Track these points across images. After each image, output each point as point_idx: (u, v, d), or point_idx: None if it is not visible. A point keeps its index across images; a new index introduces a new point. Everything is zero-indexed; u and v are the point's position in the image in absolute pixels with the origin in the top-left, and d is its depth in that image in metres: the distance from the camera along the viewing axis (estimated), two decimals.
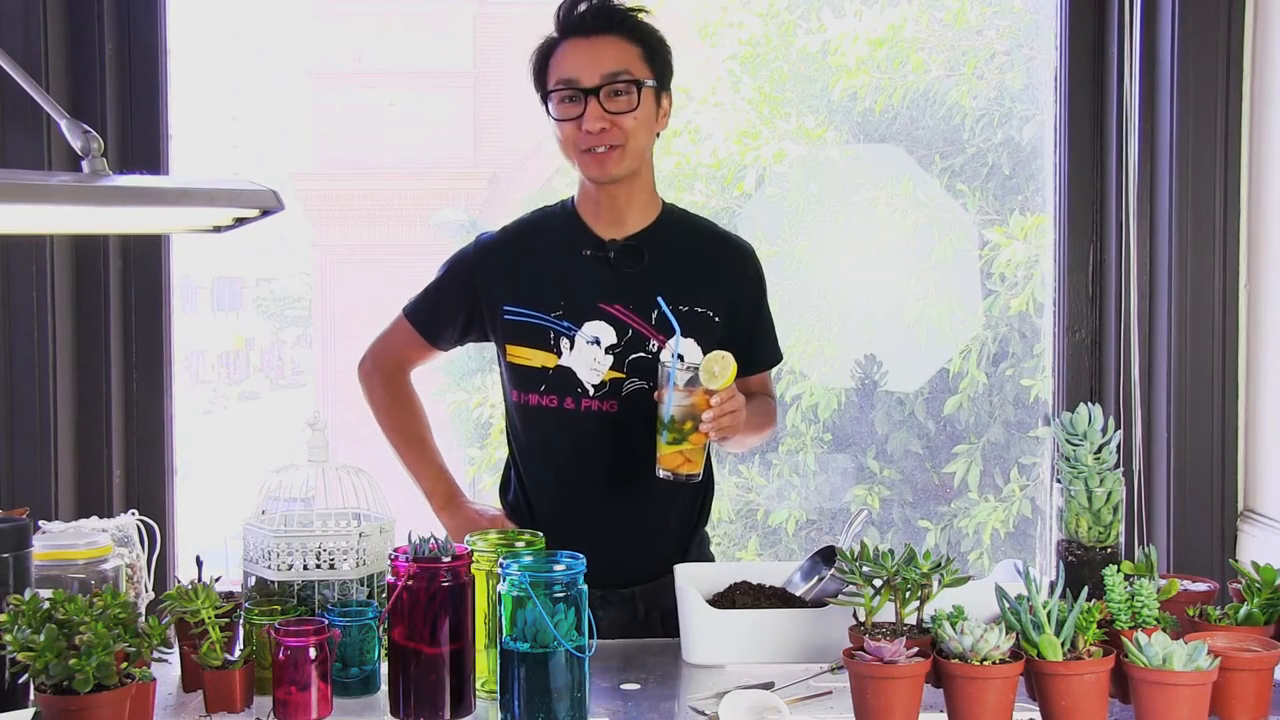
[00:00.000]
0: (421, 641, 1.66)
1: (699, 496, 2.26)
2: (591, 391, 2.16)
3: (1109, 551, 1.90)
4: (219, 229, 1.72)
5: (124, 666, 1.54)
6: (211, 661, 1.70)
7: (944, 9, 4.90)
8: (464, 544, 1.77)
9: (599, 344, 2.15)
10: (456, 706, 1.69)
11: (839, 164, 5.00)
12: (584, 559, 1.66)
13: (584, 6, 2.10)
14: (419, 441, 2.31)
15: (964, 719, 1.58)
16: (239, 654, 1.72)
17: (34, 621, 1.51)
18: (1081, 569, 1.89)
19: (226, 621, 1.73)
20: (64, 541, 1.84)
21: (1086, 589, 1.72)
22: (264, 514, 1.86)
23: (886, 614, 1.75)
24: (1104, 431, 1.91)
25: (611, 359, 2.15)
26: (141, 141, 2.51)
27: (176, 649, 1.80)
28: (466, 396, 5.08)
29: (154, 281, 2.55)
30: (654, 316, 2.15)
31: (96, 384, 2.48)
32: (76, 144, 1.56)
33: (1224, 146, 2.45)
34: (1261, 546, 2.39)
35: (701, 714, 1.69)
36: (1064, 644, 1.60)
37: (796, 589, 2.05)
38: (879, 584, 1.73)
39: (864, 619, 1.74)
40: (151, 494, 2.56)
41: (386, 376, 2.32)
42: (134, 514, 2.04)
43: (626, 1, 2.12)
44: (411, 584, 1.67)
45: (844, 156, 5.00)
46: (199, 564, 1.83)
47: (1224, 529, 2.48)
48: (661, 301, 2.09)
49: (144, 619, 1.69)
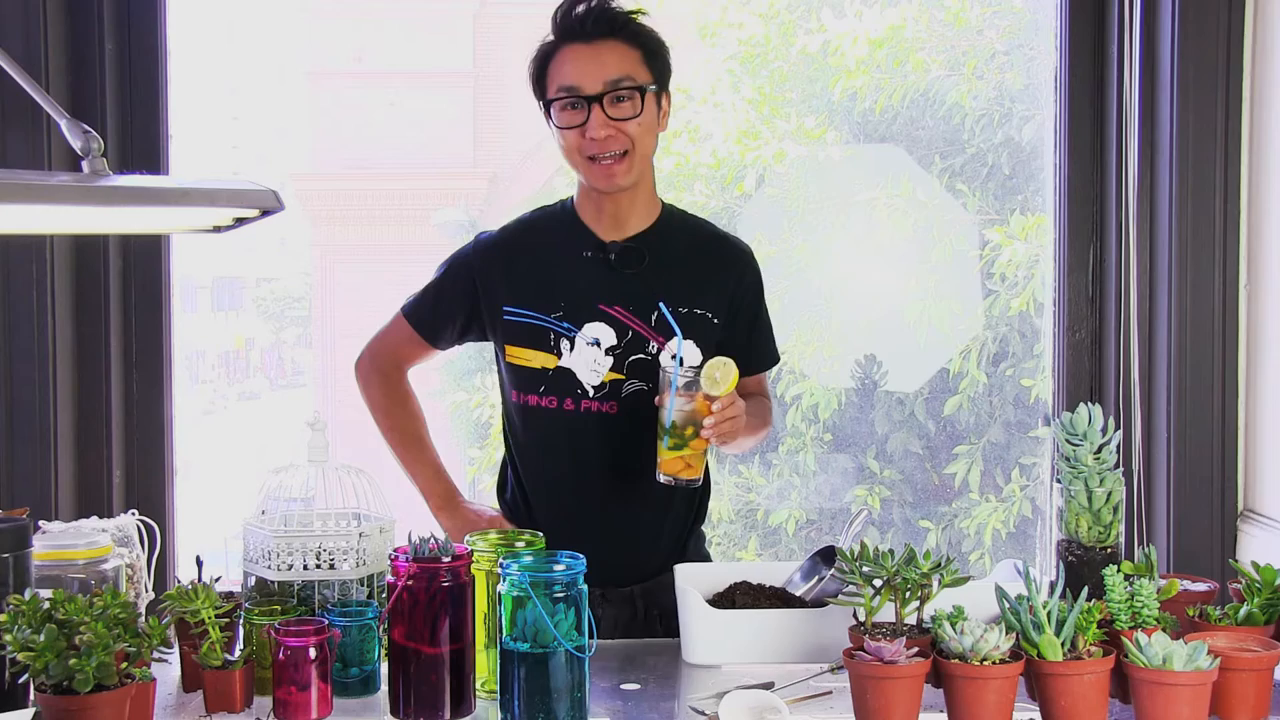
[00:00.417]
0: (421, 641, 1.67)
1: (697, 496, 2.27)
2: (591, 393, 2.16)
3: (1109, 551, 1.90)
4: (219, 229, 1.72)
5: (124, 666, 1.54)
6: (211, 661, 1.70)
7: (944, 9, 4.90)
8: (463, 544, 1.77)
9: (599, 345, 2.15)
10: (456, 706, 1.69)
11: (839, 164, 4.99)
12: (584, 559, 1.66)
13: (581, 9, 2.08)
14: (416, 441, 2.31)
15: (964, 719, 1.58)
16: (239, 654, 1.72)
17: (34, 621, 1.51)
18: (1081, 569, 1.89)
19: (226, 621, 1.73)
20: (64, 541, 1.85)
21: (1086, 589, 1.72)
22: (264, 514, 1.86)
23: (886, 614, 1.75)
24: (1104, 431, 1.91)
25: (611, 360, 2.15)
26: (141, 141, 2.52)
27: (176, 649, 1.80)
28: (466, 396, 5.09)
29: (154, 281, 2.55)
30: (654, 318, 2.15)
31: (96, 384, 2.48)
32: (76, 144, 1.56)
33: (1224, 146, 2.45)
34: (1261, 546, 2.39)
35: (701, 714, 1.69)
36: (1064, 644, 1.60)
37: (796, 589, 2.06)
38: (879, 584, 1.73)
39: (864, 619, 1.74)
40: (151, 494, 2.56)
41: (384, 376, 2.32)
42: (134, 514, 2.04)
43: (625, 4, 2.11)
44: (411, 584, 1.67)
45: (844, 156, 4.99)
46: (199, 564, 1.83)
47: (1224, 529, 2.48)
48: (663, 306, 2.09)
49: (144, 619, 1.69)
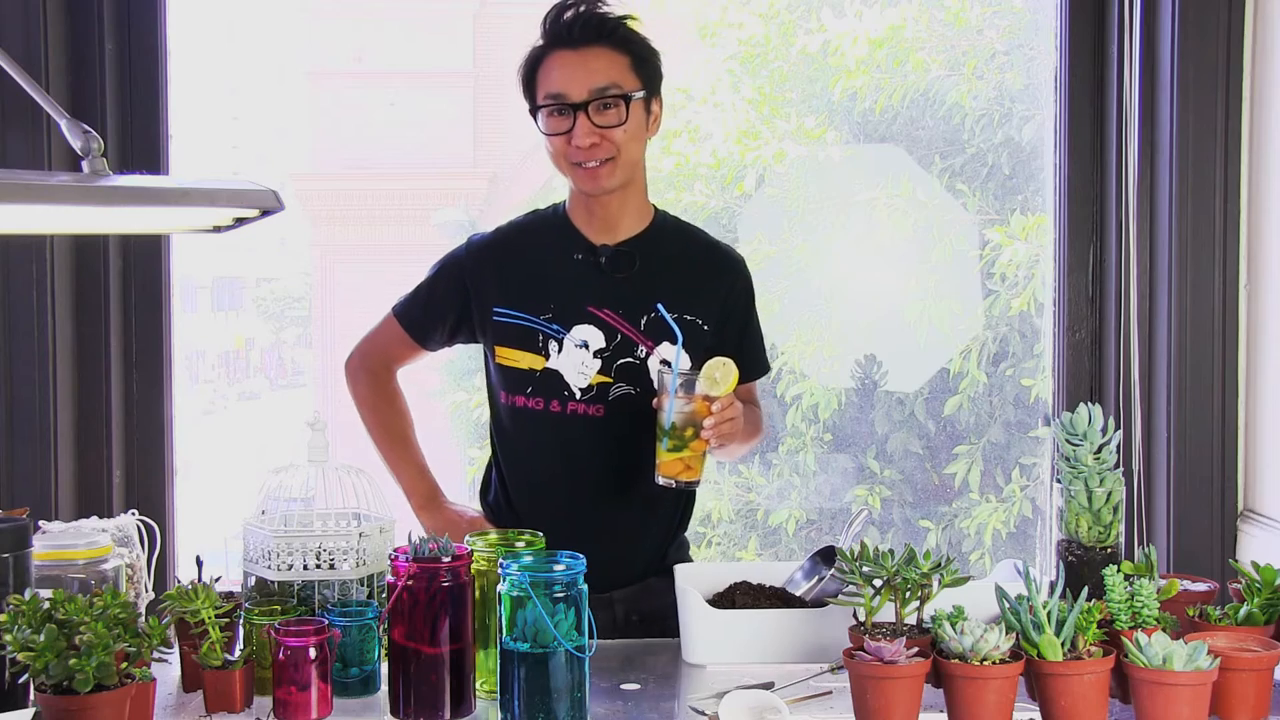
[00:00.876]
0: (421, 641, 1.67)
1: (680, 503, 2.27)
2: (578, 395, 2.15)
3: (1109, 551, 1.90)
4: (219, 229, 1.72)
5: (124, 666, 1.54)
6: (211, 661, 1.70)
7: (944, 9, 4.90)
8: (464, 544, 1.77)
9: (587, 348, 2.15)
10: (456, 706, 1.69)
11: (839, 164, 4.99)
12: (584, 559, 1.66)
13: (569, 15, 2.08)
14: (402, 440, 2.31)
15: (964, 719, 1.58)
16: (239, 654, 1.72)
17: (34, 621, 1.51)
18: (1081, 569, 1.89)
19: (226, 621, 1.73)
20: (64, 541, 1.85)
21: (1086, 589, 1.72)
22: (264, 514, 1.86)
23: (886, 614, 1.75)
24: (1104, 431, 1.91)
25: (599, 363, 2.15)
26: (141, 141, 2.52)
27: (176, 649, 1.80)
28: (466, 397, 5.08)
29: (154, 281, 2.55)
30: (643, 322, 2.15)
31: (96, 384, 2.48)
32: (76, 144, 1.56)
33: (1224, 146, 2.45)
34: (1261, 546, 2.39)
35: (701, 714, 1.69)
36: (1064, 644, 1.60)
37: (796, 589, 2.06)
38: (879, 584, 1.73)
39: (864, 619, 1.74)
40: (151, 494, 2.56)
41: (372, 375, 2.32)
42: (134, 514, 2.04)
43: (614, 10, 2.10)
44: (411, 584, 1.67)
45: (844, 156, 4.99)
46: (199, 564, 1.83)
47: (1224, 529, 2.48)
48: (661, 308, 2.09)
49: (144, 619, 1.69)
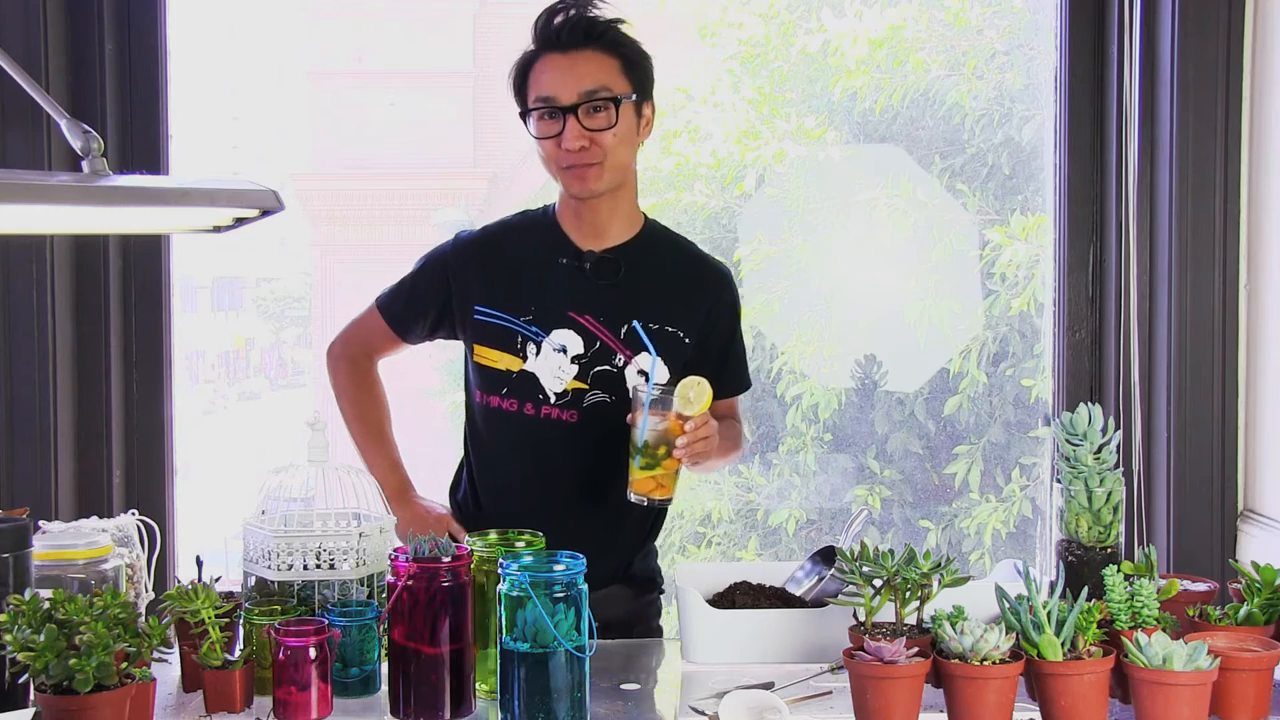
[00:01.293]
0: (421, 641, 1.67)
1: (650, 512, 2.26)
2: (553, 399, 2.15)
3: (1109, 551, 1.90)
4: (219, 229, 1.72)
5: (124, 666, 1.54)
6: (211, 661, 1.70)
7: (944, 9, 4.90)
8: (464, 544, 1.77)
9: (565, 352, 2.14)
10: (456, 706, 1.69)
11: (839, 164, 4.99)
12: (584, 559, 1.66)
13: (560, 19, 2.08)
14: (377, 431, 2.32)
15: (964, 719, 1.58)
16: (239, 654, 1.72)
17: (34, 621, 1.51)
18: (1081, 569, 1.89)
19: (226, 621, 1.73)
20: (64, 541, 1.85)
21: (1086, 589, 1.72)
22: (264, 514, 1.86)
23: (886, 614, 1.75)
24: (1104, 431, 1.91)
25: (576, 369, 2.15)
26: (141, 141, 2.52)
27: (176, 649, 1.80)
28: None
29: (154, 281, 2.55)
30: (623, 331, 2.15)
31: (96, 384, 2.48)
32: (76, 144, 1.56)
33: (1224, 146, 2.45)
34: (1261, 546, 2.39)
35: (701, 714, 1.69)
36: (1064, 644, 1.60)
37: (796, 589, 2.05)
38: (879, 584, 1.73)
39: (864, 619, 1.74)
40: (151, 494, 2.56)
41: (352, 364, 2.33)
42: (134, 514, 2.04)
43: (604, 14, 2.10)
44: (411, 584, 1.67)
45: (844, 156, 4.99)
46: (199, 564, 1.83)
47: (1224, 529, 2.48)
48: (638, 326, 2.08)
49: (144, 619, 1.69)
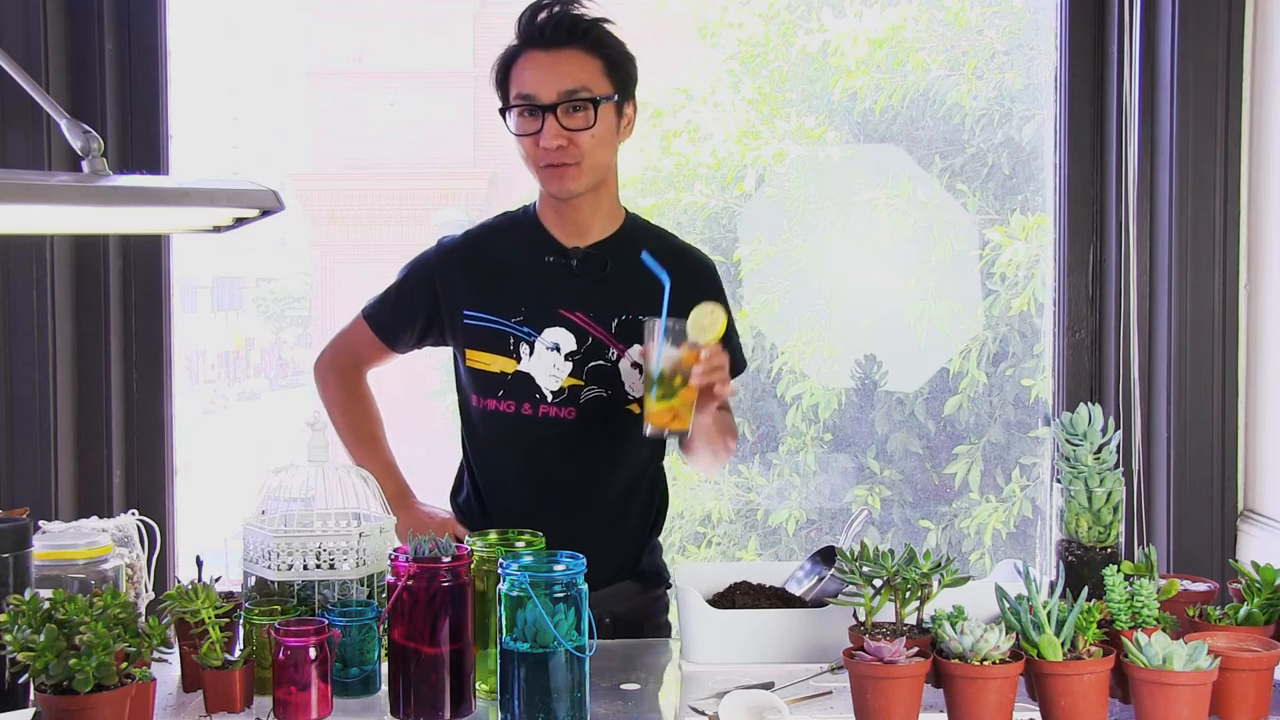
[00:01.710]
0: (421, 641, 1.67)
1: (653, 506, 2.27)
2: (550, 398, 2.15)
3: (1109, 551, 1.90)
4: (219, 229, 1.72)
5: (124, 666, 1.54)
6: (211, 661, 1.70)
7: (944, 9, 4.90)
8: (465, 544, 1.77)
9: (558, 350, 2.15)
10: (456, 706, 1.69)
11: (839, 164, 4.99)
12: (584, 559, 1.66)
13: (544, 16, 2.08)
14: (370, 439, 2.32)
15: (964, 719, 1.58)
16: (239, 654, 1.72)
17: (34, 621, 1.51)
18: (1081, 569, 1.89)
19: (226, 621, 1.73)
20: (64, 541, 1.85)
21: (1086, 589, 1.72)
22: (264, 514, 1.86)
23: (886, 614, 1.75)
24: (1104, 431, 1.91)
25: (571, 366, 2.15)
26: (141, 141, 2.52)
27: (176, 649, 1.80)
28: None
29: (154, 281, 2.55)
30: (614, 325, 2.16)
31: (96, 384, 2.48)
32: (76, 144, 1.56)
33: (1224, 146, 2.45)
34: (1261, 546, 2.39)
35: (701, 714, 1.69)
36: (1064, 644, 1.60)
37: (796, 589, 2.05)
38: (879, 584, 1.73)
39: (864, 619, 1.74)
40: (151, 494, 2.56)
41: (341, 375, 2.33)
42: (134, 514, 2.04)
43: (589, 13, 2.09)
44: (411, 584, 1.67)
45: (844, 156, 4.99)
46: (199, 564, 1.83)
47: (1224, 529, 2.48)
48: (646, 256, 2.04)
49: (144, 619, 1.69)
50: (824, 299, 4.96)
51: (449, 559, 1.68)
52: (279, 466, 1.89)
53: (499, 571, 1.65)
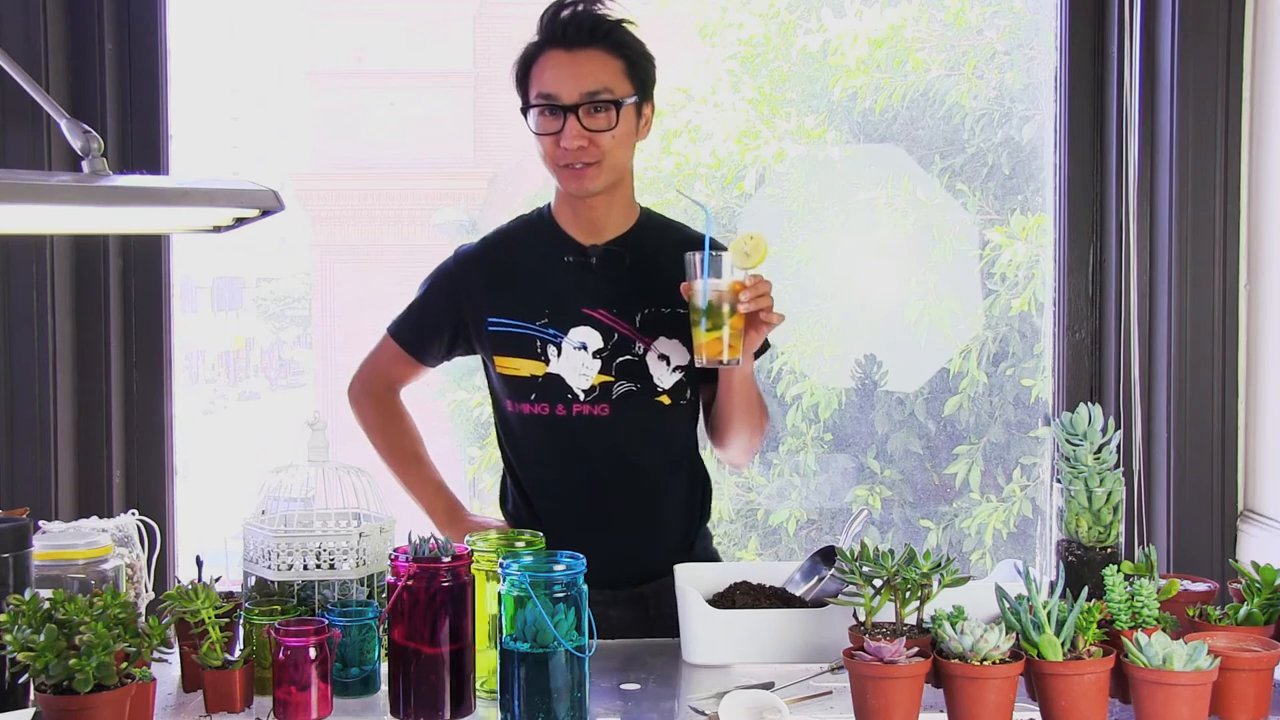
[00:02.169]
0: (421, 641, 1.67)
1: (697, 492, 2.28)
2: (582, 396, 2.15)
3: (1109, 551, 1.90)
4: (219, 229, 1.73)
5: (124, 666, 1.54)
6: (211, 661, 1.70)
7: (944, 9, 4.90)
8: (464, 544, 1.77)
9: (586, 349, 2.15)
10: (456, 706, 1.69)
11: (839, 164, 4.99)
12: (584, 559, 1.66)
13: (566, 15, 2.07)
14: (414, 459, 2.31)
15: (964, 719, 1.58)
16: (239, 654, 1.72)
17: (34, 621, 1.51)
18: (1081, 569, 1.89)
19: (226, 621, 1.73)
20: (64, 541, 1.85)
21: (1086, 589, 1.72)
22: (264, 514, 1.86)
23: (886, 614, 1.75)
24: (1104, 431, 1.91)
25: (599, 363, 2.15)
26: (141, 141, 2.52)
27: (176, 649, 1.80)
28: (466, 395, 5.08)
29: (154, 281, 2.55)
30: (638, 319, 2.16)
31: (96, 384, 2.48)
32: (76, 144, 1.56)
33: (1224, 146, 2.45)
34: (1261, 546, 2.39)
35: (701, 714, 1.69)
36: (1064, 644, 1.60)
37: (796, 589, 2.05)
38: (879, 584, 1.73)
39: (864, 619, 1.73)
40: (151, 494, 2.56)
41: (376, 398, 2.32)
42: (134, 514, 2.04)
43: (611, 13, 2.09)
44: (411, 584, 1.67)
45: (844, 156, 5.00)
46: (199, 564, 1.83)
47: (1224, 529, 2.48)
48: (681, 190, 2.05)
49: (144, 619, 1.69)
50: (824, 299, 4.96)
51: (449, 559, 1.68)
52: (279, 466, 1.89)
53: (499, 571, 1.65)
